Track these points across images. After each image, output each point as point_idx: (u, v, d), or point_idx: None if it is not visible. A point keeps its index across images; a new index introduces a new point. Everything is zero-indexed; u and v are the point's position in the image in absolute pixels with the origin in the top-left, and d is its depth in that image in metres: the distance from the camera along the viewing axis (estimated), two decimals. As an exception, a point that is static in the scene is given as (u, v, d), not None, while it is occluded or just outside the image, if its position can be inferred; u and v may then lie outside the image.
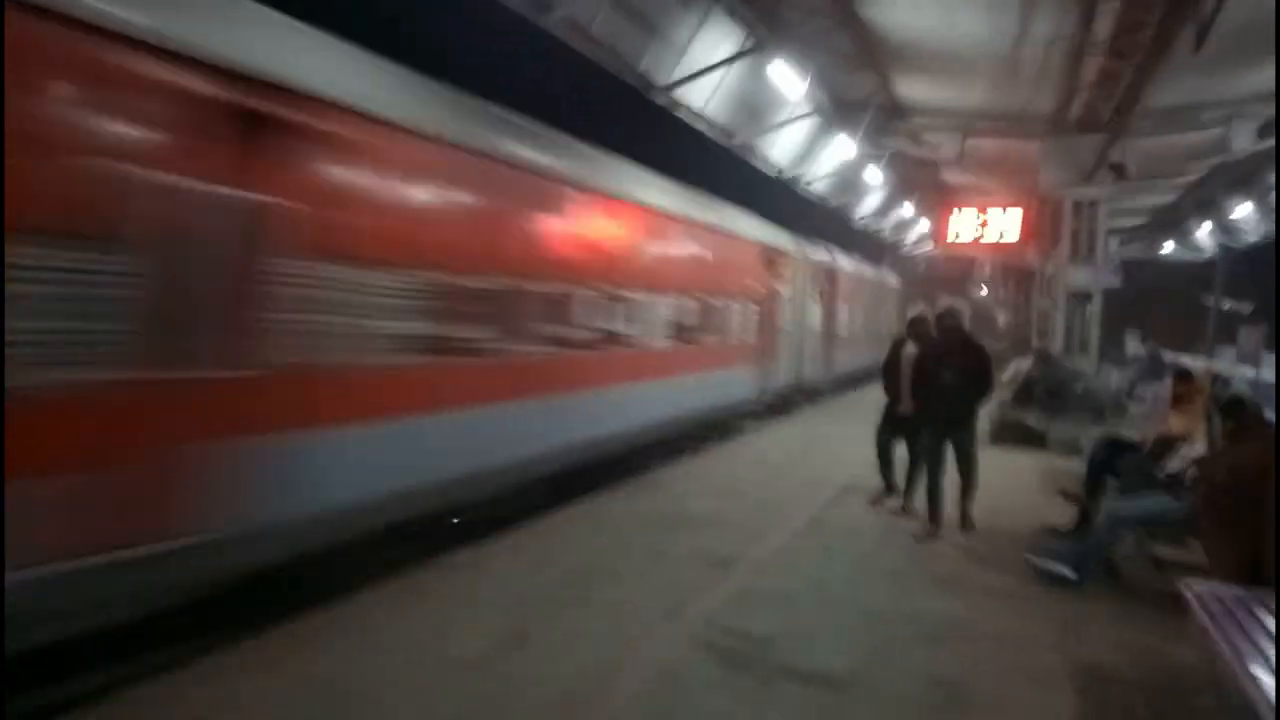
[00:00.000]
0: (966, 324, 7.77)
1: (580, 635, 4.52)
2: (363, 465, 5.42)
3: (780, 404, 14.69)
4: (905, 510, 7.45)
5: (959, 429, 6.95)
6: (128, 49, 3.97)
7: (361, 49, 5.86)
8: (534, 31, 10.14)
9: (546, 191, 7.65)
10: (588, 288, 8.15)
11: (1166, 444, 6.67)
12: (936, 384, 6.86)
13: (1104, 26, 10.68)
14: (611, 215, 8.85)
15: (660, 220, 10.10)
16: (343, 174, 5.31)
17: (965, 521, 6.96)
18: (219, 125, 4.41)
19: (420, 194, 6.12)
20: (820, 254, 17.10)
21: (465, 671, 4.03)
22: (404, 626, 4.55)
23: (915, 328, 7.73)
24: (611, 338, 8.69)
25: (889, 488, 7.83)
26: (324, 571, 5.15)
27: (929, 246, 32.04)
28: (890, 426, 7.87)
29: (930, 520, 6.84)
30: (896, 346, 7.91)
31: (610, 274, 8.59)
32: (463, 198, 6.61)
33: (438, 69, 6.57)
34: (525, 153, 7.42)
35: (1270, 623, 3.75)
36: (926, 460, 7.04)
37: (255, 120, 4.57)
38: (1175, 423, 7.08)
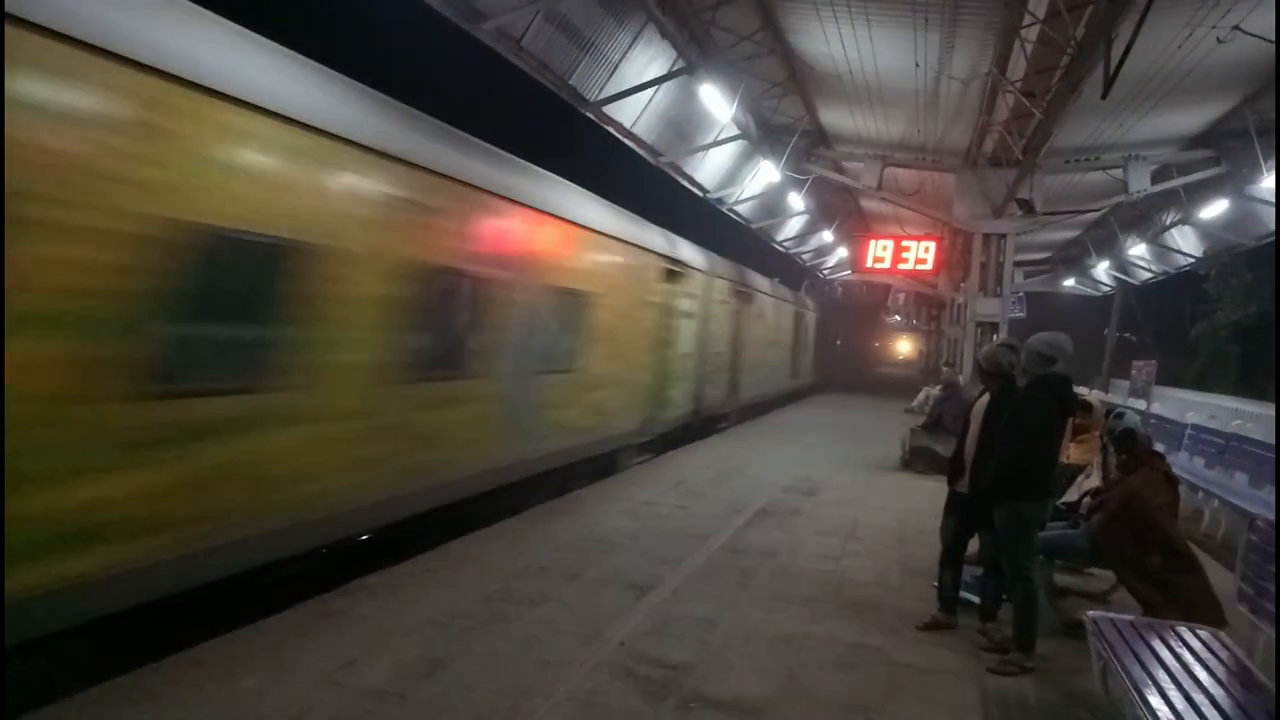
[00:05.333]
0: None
1: (496, 662, 4.43)
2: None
3: (700, 428, 14.93)
4: (985, 634, 5.23)
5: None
6: None
7: None
8: (465, 41, 10.06)
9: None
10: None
11: (1067, 474, 6.95)
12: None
13: (1018, 67, 11.17)
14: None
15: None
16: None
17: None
18: None
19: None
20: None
21: (377, 701, 3.90)
22: (314, 654, 4.37)
23: (996, 365, 5.42)
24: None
25: (953, 610, 5.46)
26: (230, 596, 4.93)
27: (846, 272, 32.92)
28: (966, 515, 5.44)
29: (1024, 647, 4.85)
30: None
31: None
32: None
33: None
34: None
35: (1164, 652, 3.94)
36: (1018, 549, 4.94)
37: None
38: (1075, 453, 7.36)
